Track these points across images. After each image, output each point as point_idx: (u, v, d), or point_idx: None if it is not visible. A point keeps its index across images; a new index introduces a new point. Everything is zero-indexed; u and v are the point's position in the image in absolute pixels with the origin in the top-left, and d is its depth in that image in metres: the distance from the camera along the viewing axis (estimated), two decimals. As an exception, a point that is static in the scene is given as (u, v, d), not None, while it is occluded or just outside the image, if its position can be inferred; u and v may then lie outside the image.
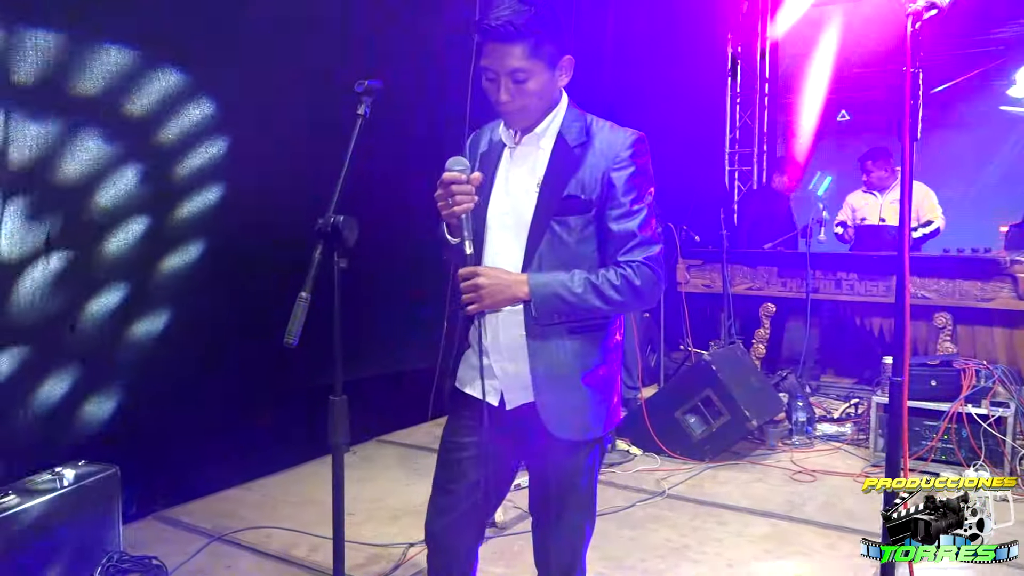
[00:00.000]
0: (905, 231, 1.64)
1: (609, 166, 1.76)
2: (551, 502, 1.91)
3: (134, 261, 3.33)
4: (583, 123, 1.82)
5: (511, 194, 1.83)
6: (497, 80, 1.72)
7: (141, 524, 3.42)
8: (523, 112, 1.76)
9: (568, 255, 1.77)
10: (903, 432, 1.70)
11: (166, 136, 3.40)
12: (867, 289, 5.23)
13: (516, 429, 1.87)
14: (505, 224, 1.82)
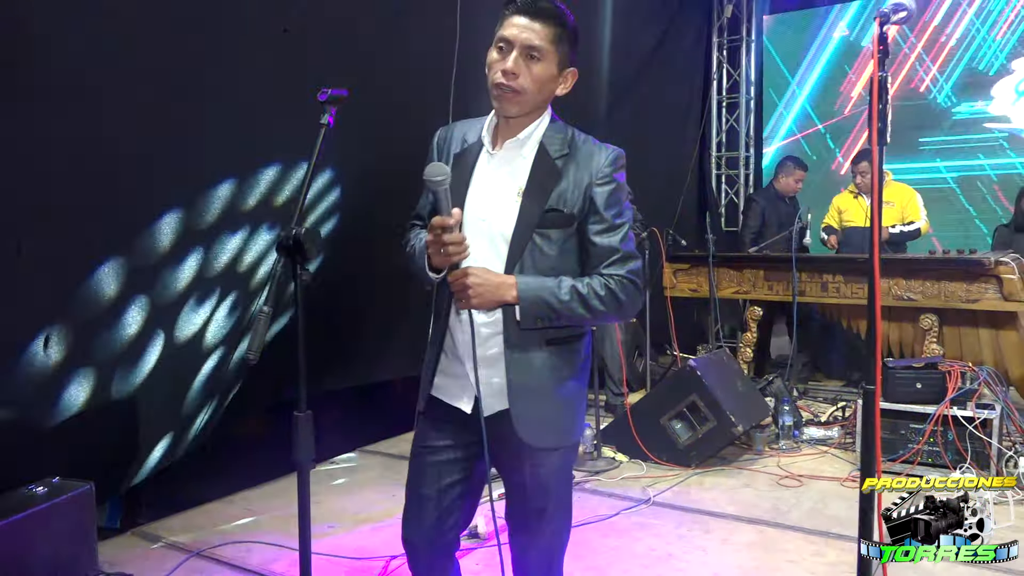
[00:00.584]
0: (876, 234, 1.62)
1: (591, 181, 1.77)
2: (528, 509, 1.91)
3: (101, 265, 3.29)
4: (565, 135, 1.82)
5: (489, 200, 1.80)
6: (509, 51, 1.71)
7: (118, 540, 3.38)
8: (519, 95, 1.73)
9: (548, 266, 1.77)
10: (876, 438, 1.67)
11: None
12: (853, 291, 5.22)
13: (489, 436, 1.83)
14: (482, 230, 1.79)
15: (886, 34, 1.51)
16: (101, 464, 3.27)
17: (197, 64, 3.25)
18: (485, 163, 1.83)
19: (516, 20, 1.71)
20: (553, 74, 1.75)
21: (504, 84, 1.72)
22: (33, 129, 2.77)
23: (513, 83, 1.71)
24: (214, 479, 3.94)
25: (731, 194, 8.01)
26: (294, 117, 3.59)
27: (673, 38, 7.32)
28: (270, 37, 3.60)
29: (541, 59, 1.71)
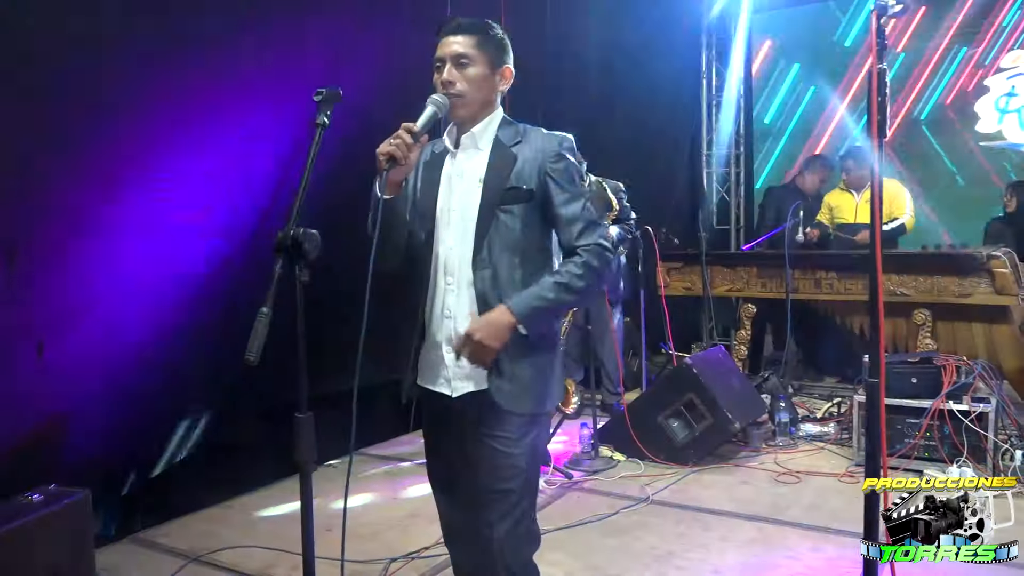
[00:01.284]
0: (877, 228, 1.61)
1: (545, 162, 1.96)
2: (496, 488, 1.98)
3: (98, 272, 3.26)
4: (517, 128, 2.03)
5: (455, 191, 2.00)
6: (443, 67, 1.94)
7: (116, 547, 3.36)
8: (462, 99, 1.93)
9: (514, 240, 1.95)
10: (882, 434, 1.67)
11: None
12: (846, 288, 5.24)
13: (463, 418, 2.02)
14: (452, 220, 1.99)
15: (884, 27, 1.51)
16: (96, 471, 3.24)
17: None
18: (449, 162, 2.03)
19: (444, 40, 1.96)
20: (486, 74, 1.97)
21: (446, 92, 1.93)
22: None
23: (452, 90, 1.93)
24: (210, 484, 3.91)
25: (722, 192, 8.02)
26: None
27: (663, 37, 7.33)
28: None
29: (470, 63, 1.94)
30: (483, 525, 2.00)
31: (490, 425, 1.97)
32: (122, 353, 3.33)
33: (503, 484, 1.97)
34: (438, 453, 2.14)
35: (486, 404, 1.96)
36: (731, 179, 7.95)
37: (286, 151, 3.76)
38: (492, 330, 1.87)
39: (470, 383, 1.99)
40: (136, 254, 3.35)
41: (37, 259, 3.02)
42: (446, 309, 1.99)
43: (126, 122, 3.22)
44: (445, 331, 1.99)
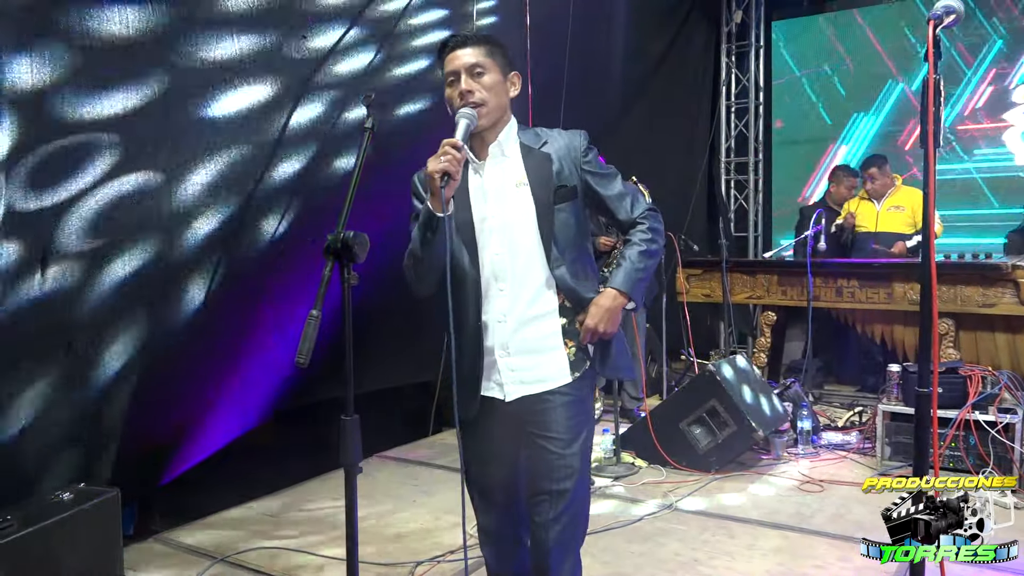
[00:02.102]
0: (931, 238, 1.61)
1: (578, 158, 2.06)
2: (552, 478, 2.02)
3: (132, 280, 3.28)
4: (535, 131, 2.10)
5: (490, 200, 2.03)
6: (457, 79, 1.97)
7: (142, 547, 3.37)
8: (484, 107, 1.96)
9: (572, 235, 2.04)
10: (934, 444, 1.66)
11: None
12: (868, 296, 5.21)
13: (515, 419, 2.06)
14: (492, 227, 2.02)
15: (939, 36, 1.51)
16: (123, 470, 3.26)
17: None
18: (474, 174, 2.04)
19: (452, 55, 1.99)
20: (500, 80, 2.01)
21: (468, 101, 1.96)
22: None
23: (473, 99, 1.95)
24: (234, 485, 3.92)
25: (740, 199, 8.01)
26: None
27: (683, 45, 7.34)
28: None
29: (485, 71, 1.98)
30: (538, 527, 2.04)
31: (544, 427, 2.01)
32: (148, 351, 3.35)
33: (559, 485, 2.01)
34: (483, 458, 2.14)
35: (542, 406, 2.01)
36: (749, 186, 7.93)
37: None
38: (610, 315, 2.01)
39: (524, 387, 2.03)
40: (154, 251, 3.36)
41: (69, 261, 3.03)
42: (499, 314, 2.01)
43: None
44: (499, 336, 2.02)
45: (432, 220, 1.89)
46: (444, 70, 2.01)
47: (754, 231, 7.95)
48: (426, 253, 1.93)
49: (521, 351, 2.02)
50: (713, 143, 7.95)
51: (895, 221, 5.72)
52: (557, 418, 2.01)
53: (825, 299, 5.37)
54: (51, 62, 2.79)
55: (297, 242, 3.77)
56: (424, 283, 2.00)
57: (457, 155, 1.84)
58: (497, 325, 2.01)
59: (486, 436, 2.10)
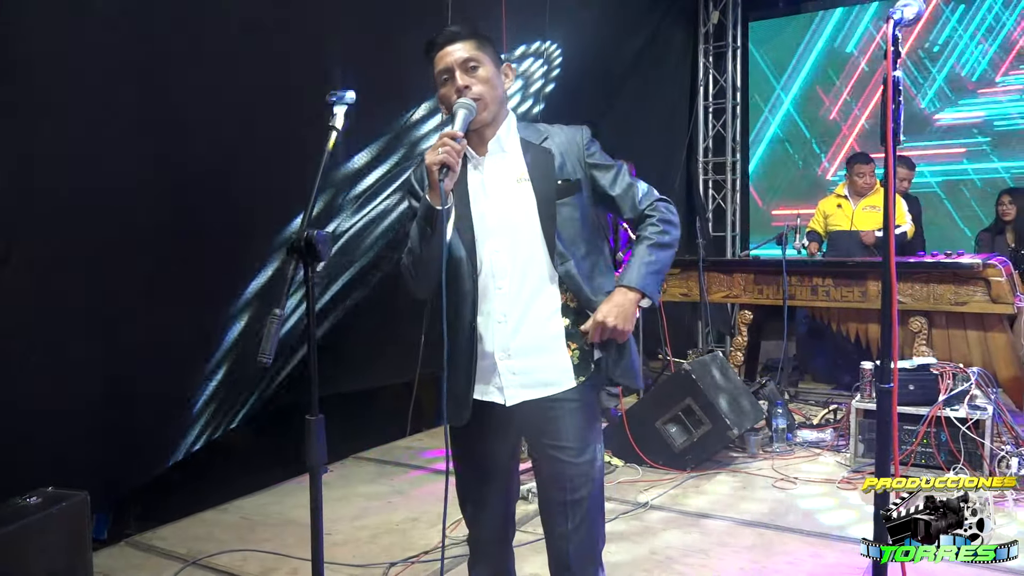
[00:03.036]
0: (891, 236, 1.62)
1: (580, 154, 1.99)
2: (565, 488, 1.94)
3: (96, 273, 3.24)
4: (536, 127, 2.03)
5: (491, 196, 1.95)
6: (452, 75, 1.90)
7: (113, 550, 3.34)
8: (482, 100, 1.89)
9: (577, 230, 1.95)
10: (894, 440, 1.67)
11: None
12: (842, 295, 5.25)
13: (516, 425, 1.99)
14: (492, 224, 1.94)
15: (898, 34, 1.52)
16: (92, 473, 3.22)
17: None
18: (473, 170, 1.97)
19: (443, 51, 1.92)
20: (495, 73, 1.95)
21: (467, 96, 1.88)
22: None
23: (471, 94, 1.88)
24: (206, 488, 3.90)
25: (718, 199, 8.05)
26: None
27: (660, 45, 7.37)
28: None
29: (479, 65, 1.91)
30: (557, 539, 1.98)
31: (554, 436, 1.93)
32: (119, 354, 3.32)
33: (574, 495, 1.93)
34: (478, 466, 2.05)
35: (547, 413, 1.93)
36: (727, 186, 7.97)
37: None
38: (623, 311, 1.90)
39: (526, 391, 1.94)
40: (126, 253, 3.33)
41: (34, 259, 3.00)
42: (499, 315, 1.92)
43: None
44: (499, 337, 1.93)
45: (431, 214, 1.81)
46: (435, 69, 1.94)
47: (732, 231, 8.00)
48: (425, 250, 1.86)
49: (522, 353, 1.93)
50: (691, 143, 7.99)
51: (869, 220, 5.77)
52: (567, 427, 1.92)
53: (801, 298, 5.41)
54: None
55: (267, 240, 3.74)
56: (423, 283, 1.93)
57: (456, 146, 1.78)
58: (497, 326, 1.92)
59: (487, 443, 2.01)
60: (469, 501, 2.09)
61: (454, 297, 1.91)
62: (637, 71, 7.02)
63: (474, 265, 1.92)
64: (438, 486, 4.09)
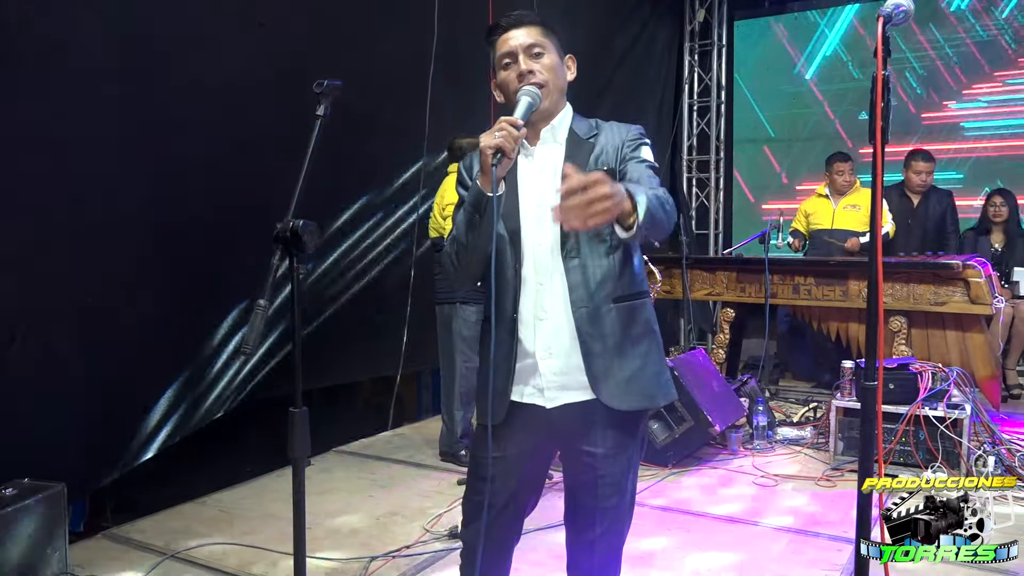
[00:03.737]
0: (878, 236, 1.63)
1: (622, 142, 1.88)
2: (596, 499, 1.88)
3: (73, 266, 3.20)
4: (589, 122, 1.95)
5: (538, 187, 1.87)
6: (516, 59, 1.83)
7: (89, 543, 3.30)
8: (546, 87, 1.83)
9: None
10: (878, 438, 1.68)
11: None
12: (824, 294, 5.29)
13: (557, 430, 1.89)
14: (537, 216, 1.85)
15: (888, 34, 1.53)
16: (70, 465, 3.18)
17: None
18: (524, 159, 1.90)
19: (507, 35, 1.86)
20: (558, 62, 1.89)
21: (531, 81, 1.81)
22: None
23: (535, 79, 1.81)
24: (184, 480, 3.87)
25: (702, 197, 8.08)
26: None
27: (646, 42, 7.38)
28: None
29: (544, 51, 1.85)
30: (582, 545, 1.93)
31: (590, 441, 1.85)
32: (96, 346, 3.28)
33: (606, 502, 1.87)
34: (508, 471, 1.91)
35: (586, 417, 1.84)
36: (711, 184, 8.01)
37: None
38: (617, 190, 1.51)
39: (567, 393, 1.84)
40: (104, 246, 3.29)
41: (12, 251, 2.96)
42: (540, 311, 1.83)
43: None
44: (542, 335, 1.84)
45: (481, 200, 1.73)
46: (497, 52, 1.87)
47: (715, 229, 8.04)
48: (472, 237, 1.78)
49: (562, 353, 1.83)
50: (675, 141, 8.02)
51: (850, 219, 5.81)
52: (605, 432, 1.83)
53: (782, 296, 5.44)
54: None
55: (248, 232, 3.71)
56: (468, 271, 1.85)
57: (515, 132, 1.69)
58: (539, 323, 1.83)
59: (519, 447, 1.90)
60: (473, 503, 1.95)
61: (497, 290, 1.83)
62: (623, 68, 7.04)
63: (518, 257, 1.84)
64: (419, 480, 4.09)
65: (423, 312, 4.82)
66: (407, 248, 4.91)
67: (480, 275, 1.78)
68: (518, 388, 1.88)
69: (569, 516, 1.97)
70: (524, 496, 1.96)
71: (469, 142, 4.35)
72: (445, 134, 4.73)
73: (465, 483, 2.04)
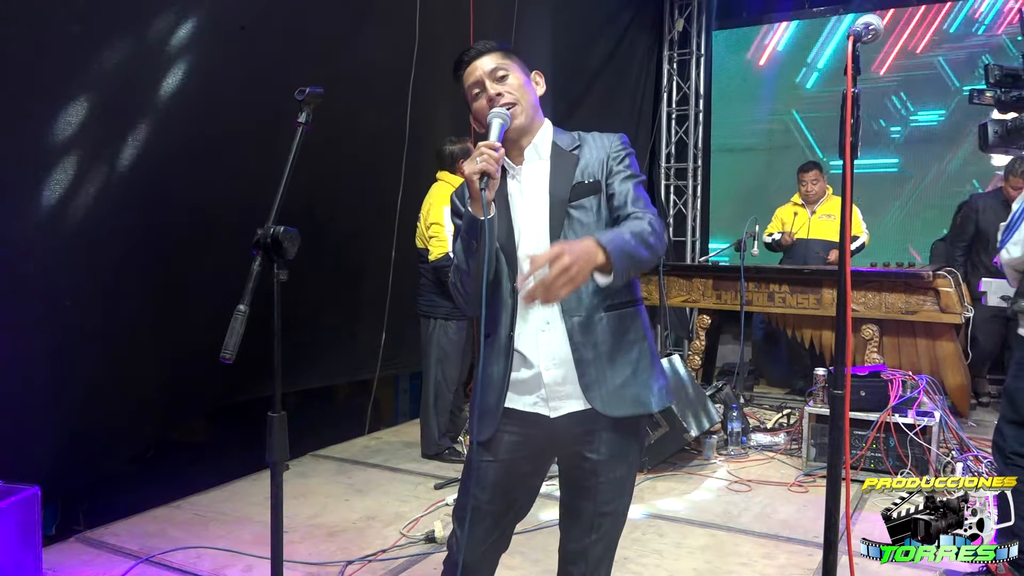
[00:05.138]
0: (846, 246, 1.67)
1: (607, 155, 1.92)
2: (595, 506, 1.91)
3: (46, 267, 3.18)
4: (571, 135, 1.99)
5: (528, 204, 1.91)
6: (483, 87, 1.89)
7: (63, 546, 3.28)
8: (518, 106, 1.87)
9: (587, 235, 1.80)
10: (846, 444, 1.72)
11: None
12: (798, 302, 5.37)
13: (559, 439, 1.90)
14: (532, 233, 1.89)
15: (858, 52, 1.57)
16: (43, 467, 3.16)
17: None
18: (511, 180, 1.94)
19: (471, 68, 1.91)
20: (525, 80, 1.93)
21: (501, 104, 1.86)
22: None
23: (504, 101, 1.86)
24: (160, 484, 3.84)
25: (679, 204, 8.15)
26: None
27: (624, 51, 7.44)
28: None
29: (508, 72, 1.90)
30: (577, 549, 1.95)
31: (592, 447, 1.87)
32: (71, 348, 3.26)
33: (606, 507, 1.90)
34: (507, 478, 1.92)
35: (588, 423, 1.86)
36: (688, 192, 8.08)
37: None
38: (584, 259, 1.57)
39: (570, 401, 1.86)
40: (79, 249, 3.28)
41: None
42: (542, 323, 1.86)
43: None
44: (545, 346, 1.86)
45: (475, 225, 1.76)
46: (466, 86, 1.93)
47: (692, 236, 8.11)
48: (473, 264, 1.81)
49: (566, 363, 1.85)
50: (653, 148, 8.08)
51: (826, 229, 5.90)
52: (607, 438, 1.86)
53: (758, 304, 5.51)
54: None
55: (227, 236, 3.71)
56: (474, 300, 1.84)
57: (494, 155, 1.73)
58: (541, 335, 1.86)
59: (519, 454, 1.91)
60: (469, 519, 1.92)
61: (492, 309, 1.87)
62: (602, 76, 7.09)
63: (514, 275, 1.87)
64: (396, 485, 4.10)
65: (401, 316, 4.83)
66: (386, 252, 4.91)
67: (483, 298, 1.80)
68: (520, 399, 1.89)
69: (565, 521, 2.00)
70: (519, 504, 1.98)
71: (460, 147, 4.39)
72: (425, 138, 4.75)
73: (443, 486, 2.05)
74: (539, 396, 1.87)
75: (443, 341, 4.36)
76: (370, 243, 4.85)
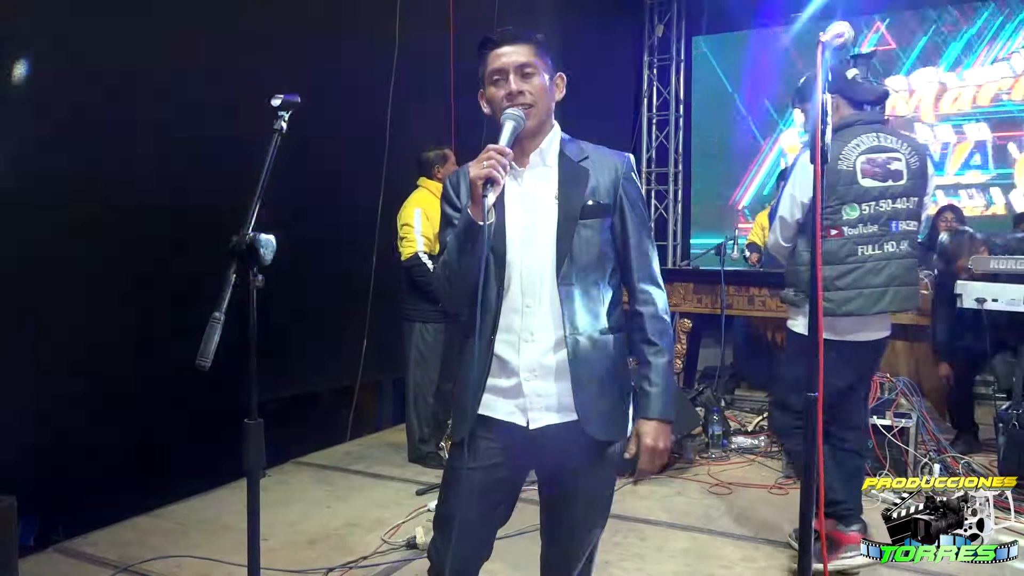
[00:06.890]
0: (818, 248, 1.69)
1: (620, 178, 1.90)
2: (576, 514, 1.93)
3: (22, 274, 3.15)
4: (577, 144, 1.95)
5: (528, 209, 1.87)
6: (506, 77, 1.83)
7: (40, 557, 3.25)
8: (534, 108, 1.83)
9: (594, 255, 1.86)
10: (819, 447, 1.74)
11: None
12: (778, 305, 5.39)
13: (537, 449, 1.88)
14: (528, 238, 1.86)
15: (827, 59, 1.60)
16: (19, 477, 3.13)
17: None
18: (512, 182, 1.88)
19: (499, 51, 1.84)
20: (547, 84, 1.87)
21: (519, 102, 1.82)
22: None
23: (523, 100, 1.81)
24: (139, 493, 3.81)
25: (660, 209, 8.20)
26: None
27: (605, 57, 7.48)
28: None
29: (534, 73, 1.84)
30: (559, 556, 1.99)
31: (575, 458, 1.86)
32: (48, 356, 3.24)
33: (585, 516, 1.93)
34: (486, 484, 1.89)
35: (568, 436, 1.84)
36: (669, 196, 8.12)
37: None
38: (664, 439, 1.89)
39: (550, 415, 1.84)
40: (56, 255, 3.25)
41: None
42: (526, 332, 1.83)
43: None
44: (526, 356, 1.83)
45: (472, 229, 1.73)
46: (488, 67, 1.85)
47: (673, 240, 8.16)
48: (463, 264, 1.77)
49: (548, 375, 1.83)
50: (634, 153, 8.10)
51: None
52: (585, 448, 1.84)
53: (738, 307, 5.53)
54: None
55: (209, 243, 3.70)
56: (457, 296, 1.85)
57: (503, 160, 1.68)
58: (524, 344, 1.83)
59: (496, 461, 1.89)
60: (457, 519, 1.88)
61: (475, 311, 1.79)
62: (582, 81, 7.10)
63: (501, 280, 1.84)
64: (377, 492, 4.09)
65: (382, 322, 4.82)
66: (366, 258, 4.91)
67: (469, 301, 1.79)
68: (496, 405, 1.87)
69: (545, 529, 2.01)
70: (500, 510, 1.95)
71: (437, 153, 4.40)
72: (406, 145, 4.75)
73: (424, 492, 2.06)
74: (517, 405, 1.85)
75: (421, 345, 4.37)
76: (351, 250, 4.85)
